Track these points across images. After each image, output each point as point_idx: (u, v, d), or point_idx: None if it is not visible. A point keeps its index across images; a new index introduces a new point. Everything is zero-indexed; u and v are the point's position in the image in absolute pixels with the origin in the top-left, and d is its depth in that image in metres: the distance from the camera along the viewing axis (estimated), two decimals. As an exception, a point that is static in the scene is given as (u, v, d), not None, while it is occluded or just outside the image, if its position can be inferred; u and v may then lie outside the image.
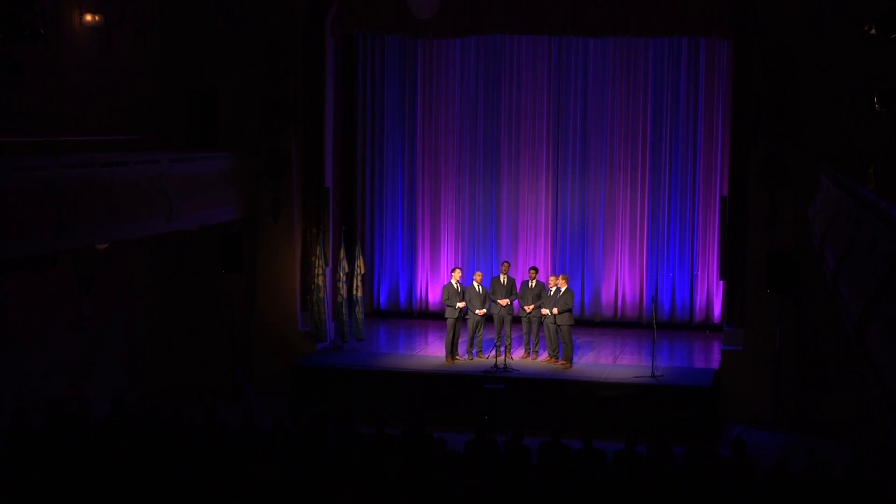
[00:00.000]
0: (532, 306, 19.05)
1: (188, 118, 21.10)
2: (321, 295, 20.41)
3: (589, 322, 22.02)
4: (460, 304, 19.04)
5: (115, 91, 19.55)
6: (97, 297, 18.91)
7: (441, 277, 22.53)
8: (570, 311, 18.75)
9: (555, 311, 18.65)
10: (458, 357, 19.27)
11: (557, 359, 18.95)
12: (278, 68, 20.56)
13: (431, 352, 20.19)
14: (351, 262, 20.73)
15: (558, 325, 18.73)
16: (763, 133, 19.09)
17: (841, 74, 18.64)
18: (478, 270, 20.04)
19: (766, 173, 19.14)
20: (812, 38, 18.84)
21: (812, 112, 18.94)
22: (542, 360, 19.24)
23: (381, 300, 23.16)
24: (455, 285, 19.16)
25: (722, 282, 20.85)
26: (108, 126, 19.20)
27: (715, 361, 19.56)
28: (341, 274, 20.57)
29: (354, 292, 20.64)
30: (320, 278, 20.46)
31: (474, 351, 19.35)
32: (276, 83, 20.57)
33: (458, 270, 19.40)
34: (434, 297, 22.74)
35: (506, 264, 19.57)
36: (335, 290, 20.72)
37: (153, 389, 20.21)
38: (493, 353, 18.80)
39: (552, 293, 18.83)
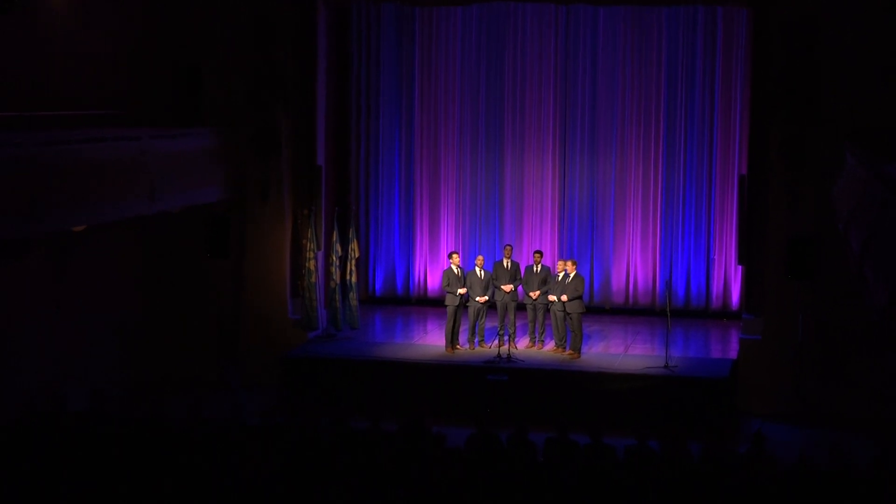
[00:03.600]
0: (538, 292, 19.04)
1: (172, 93, 21.00)
2: (313, 280, 20.38)
3: (598, 309, 22.00)
4: (461, 291, 19.03)
5: (95, 64, 19.48)
6: (74, 284, 18.88)
7: (440, 262, 22.51)
8: (580, 297, 18.73)
9: (564, 298, 18.62)
10: (458, 346, 19.27)
11: (565, 348, 18.95)
12: (267, 40, 20.48)
13: (430, 341, 20.20)
14: (344, 245, 20.70)
15: (568, 313, 18.71)
16: (784, 109, 19.01)
17: (866, 47, 18.57)
18: (480, 254, 20.03)
19: (786, 151, 19.08)
20: (836, 7, 18.76)
21: (836, 86, 18.85)
22: (548, 349, 19.25)
23: (377, 286, 23.15)
24: (455, 270, 19.15)
25: (740, 267, 20.83)
26: (87, 101, 19.13)
27: (733, 351, 19.55)
28: (334, 258, 20.55)
29: (348, 278, 20.62)
30: (312, 263, 20.42)
31: (476, 340, 19.37)
32: (265, 56, 20.50)
33: (456, 255, 19.38)
34: (433, 282, 22.72)
35: (509, 248, 19.55)
36: (328, 275, 20.69)
37: (134, 382, 20.19)
38: (496, 342, 18.80)
39: (560, 278, 18.80)
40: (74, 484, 12.21)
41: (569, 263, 18.95)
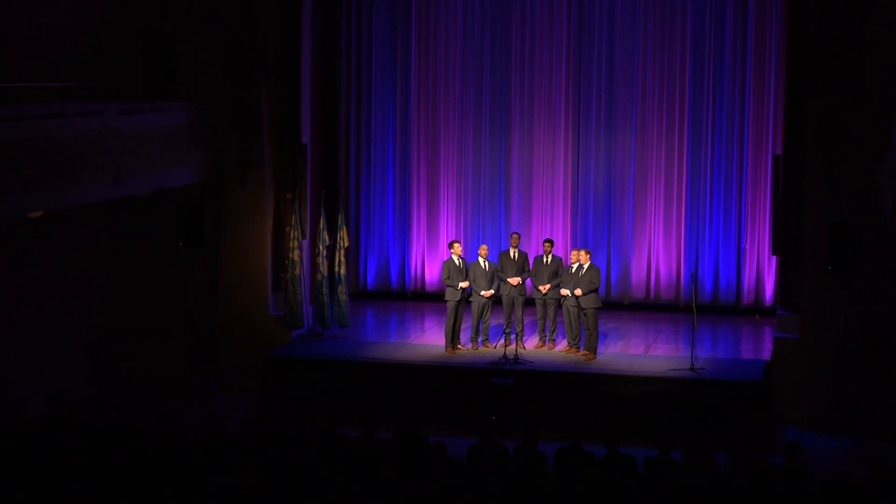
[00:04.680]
0: (548, 286, 19.05)
1: (141, 64, 21.00)
2: (297, 273, 20.40)
3: (616, 305, 22.05)
4: (463, 284, 19.04)
5: (55, 30, 19.46)
6: (32, 278, 18.88)
7: (440, 252, 22.52)
8: (596, 291, 18.75)
9: (578, 292, 18.64)
10: (460, 346, 19.31)
11: (579, 348, 18.97)
12: (248, 7, 20.49)
13: (428, 340, 20.23)
14: (332, 233, 20.70)
15: (582, 309, 18.73)
16: (823, 82, 18.98)
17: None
18: (483, 244, 20.03)
19: (825, 129, 19.06)
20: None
21: (880, 58, 18.82)
22: (560, 349, 19.27)
23: (369, 279, 23.19)
24: (457, 261, 19.16)
25: (774, 258, 20.84)
26: (46, 72, 19.12)
27: (766, 352, 19.58)
28: (321, 248, 20.55)
29: (337, 269, 20.62)
30: (296, 253, 20.43)
31: (479, 339, 19.39)
32: (246, 24, 20.50)
33: (457, 244, 19.38)
34: (432, 275, 22.75)
35: (516, 236, 19.55)
36: (314, 266, 20.71)
37: (100, 386, 20.19)
38: (502, 341, 18.82)
39: (573, 270, 18.82)
40: (33, 500, 12.22)
41: (583, 253, 18.95)
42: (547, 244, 19.39)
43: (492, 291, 19.14)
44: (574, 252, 19.16)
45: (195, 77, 20.78)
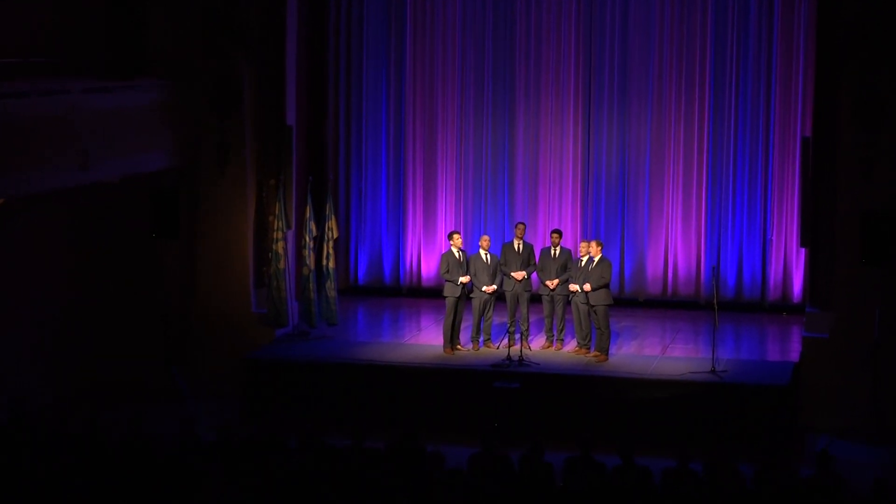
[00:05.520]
0: (556, 281, 19.02)
1: (110, 38, 20.93)
2: (281, 266, 20.36)
3: (630, 302, 22.07)
4: (463, 279, 19.01)
5: (17, 3, 19.40)
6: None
7: (438, 244, 22.54)
8: (607, 286, 18.70)
9: (587, 287, 18.60)
10: (459, 347, 19.30)
11: (589, 349, 18.96)
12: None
13: (425, 340, 20.25)
14: (320, 223, 20.67)
15: (591, 306, 18.70)
16: (857, 56, 18.95)
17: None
18: (486, 234, 20.01)
19: (860, 108, 19.02)
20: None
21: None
22: (568, 350, 19.27)
23: (360, 273, 23.20)
24: (456, 254, 19.12)
25: (803, 250, 20.80)
26: (7, 48, 19.06)
27: (794, 353, 19.56)
28: (308, 239, 20.52)
29: (325, 263, 20.61)
30: (280, 245, 20.40)
31: (481, 339, 19.37)
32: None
33: (457, 235, 19.34)
34: (429, 269, 22.75)
35: (521, 226, 19.52)
36: (300, 260, 20.67)
37: (64, 391, 20.17)
38: (506, 341, 18.79)
39: (583, 264, 18.78)
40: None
41: (593, 245, 18.92)
42: (555, 235, 19.36)
43: (494, 287, 19.11)
44: (584, 244, 19.13)
45: (168, 52, 20.72)
